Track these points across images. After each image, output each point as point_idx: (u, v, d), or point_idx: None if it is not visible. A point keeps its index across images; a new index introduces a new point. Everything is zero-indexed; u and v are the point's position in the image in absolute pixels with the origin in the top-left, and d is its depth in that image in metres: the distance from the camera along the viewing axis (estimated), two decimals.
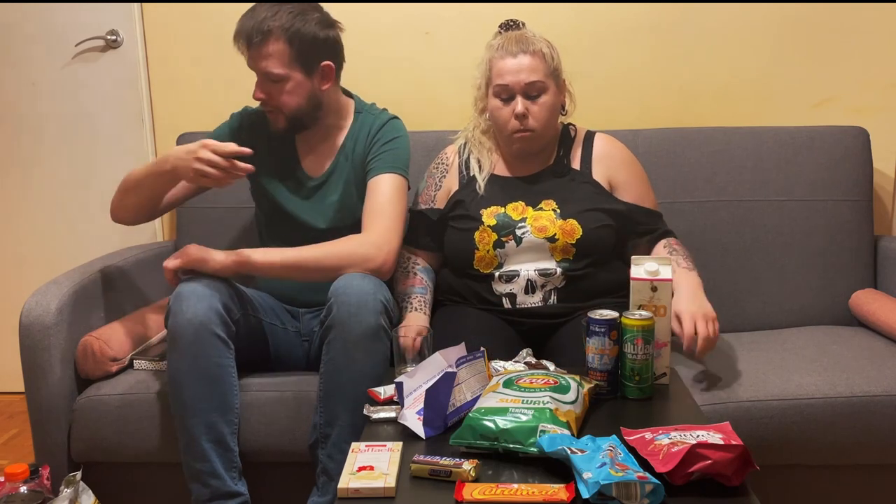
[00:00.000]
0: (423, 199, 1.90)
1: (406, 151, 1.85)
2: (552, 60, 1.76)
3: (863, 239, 2.10)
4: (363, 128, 1.86)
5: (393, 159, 1.81)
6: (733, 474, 1.09)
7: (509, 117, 1.75)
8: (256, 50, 1.73)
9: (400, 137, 1.85)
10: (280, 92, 1.76)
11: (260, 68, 1.75)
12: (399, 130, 1.86)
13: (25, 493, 1.61)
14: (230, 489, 1.60)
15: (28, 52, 2.45)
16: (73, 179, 2.51)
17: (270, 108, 1.79)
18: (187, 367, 1.57)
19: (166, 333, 1.62)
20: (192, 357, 1.57)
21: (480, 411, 1.24)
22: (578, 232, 1.72)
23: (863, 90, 2.27)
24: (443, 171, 1.89)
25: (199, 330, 1.56)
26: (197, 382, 1.58)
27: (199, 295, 1.57)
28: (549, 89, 1.75)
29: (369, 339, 1.56)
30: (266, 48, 1.72)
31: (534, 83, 1.72)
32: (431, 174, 1.91)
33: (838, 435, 1.62)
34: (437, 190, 1.88)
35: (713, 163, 2.13)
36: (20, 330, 1.72)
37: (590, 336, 1.43)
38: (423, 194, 1.91)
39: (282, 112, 1.79)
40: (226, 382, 1.60)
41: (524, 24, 1.82)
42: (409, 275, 1.85)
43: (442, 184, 1.88)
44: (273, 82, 1.75)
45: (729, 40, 2.28)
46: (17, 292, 2.34)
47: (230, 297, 1.63)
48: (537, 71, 1.73)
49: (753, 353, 1.84)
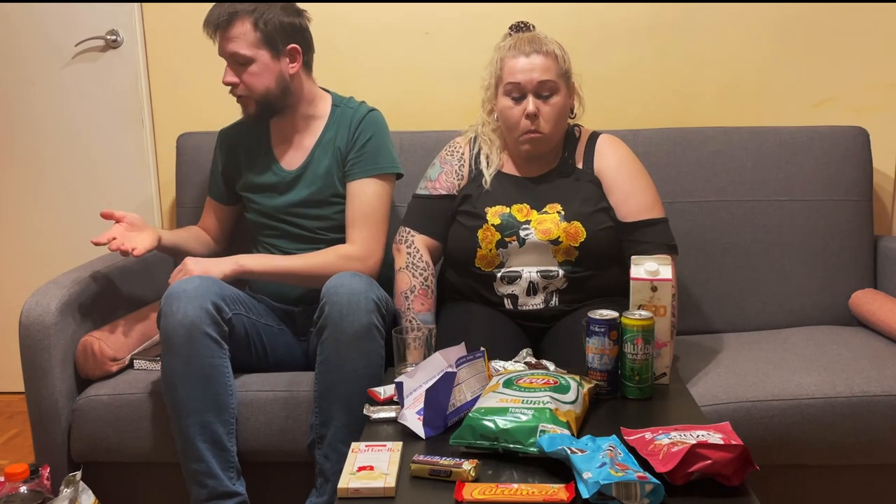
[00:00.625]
0: (440, 185, 1.85)
1: (385, 145, 1.87)
2: (564, 63, 1.75)
3: (863, 239, 2.10)
4: (342, 120, 1.88)
5: (373, 161, 1.84)
6: (733, 474, 1.09)
7: (520, 117, 1.73)
8: (223, 32, 1.77)
9: (378, 132, 1.86)
10: (249, 74, 1.79)
11: (228, 51, 1.78)
12: (377, 124, 1.88)
13: (25, 493, 1.61)
14: (227, 489, 1.60)
15: (28, 52, 2.45)
16: (73, 179, 2.51)
17: (240, 92, 1.82)
18: (180, 368, 1.58)
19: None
20: (185, 358, 1.57)
21: (480, 411, 1.24)
22: (582, 235, 1.72)
23: (863, 90, 2.27)
24: (459, 159, 1.87)
25: (190, 330, 1.56)
26: (190, 383, 1.58)
27: (189, 296, 1.58)
28: (560, 90, 1.73)
29: (362, 338, 1.57)
30: (232, 30, 1.76)
31: (545, 82, 1.71)
32: (448, 161, 1.87)
33: (838, 435, 1.62)
34: (460, 179, 1.85)
35: (713, 163, 2.13)
36: (20, 330, 1.72)
37: (590, 336, 1.43)
38: (440, 180, 1.85)
39: (251, 96, 1.81)
40: (219, 382, 1.60)
41: (534, 26, 1.81)
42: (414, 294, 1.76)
43: (462, 172, 1.86)
44: (240, 65, 1.79)
45: (729, 40, 2.28)
46: (17, 292, 2.34)
47: (221, 297, 1.63)
48: (549, 70, 1.72)
49: (753, 353, 1.84)
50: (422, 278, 1.77)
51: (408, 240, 1.82)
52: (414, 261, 1.79)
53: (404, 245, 1.82)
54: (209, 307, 1.58)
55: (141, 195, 2.49)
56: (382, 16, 2.32)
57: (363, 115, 1.87)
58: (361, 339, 1.56)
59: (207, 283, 1.62)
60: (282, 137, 1.92)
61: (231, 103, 1.96)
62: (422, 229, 1.83)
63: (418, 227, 1.83)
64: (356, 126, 1.85)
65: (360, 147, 1.84)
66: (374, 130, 1.86)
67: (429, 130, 2.20)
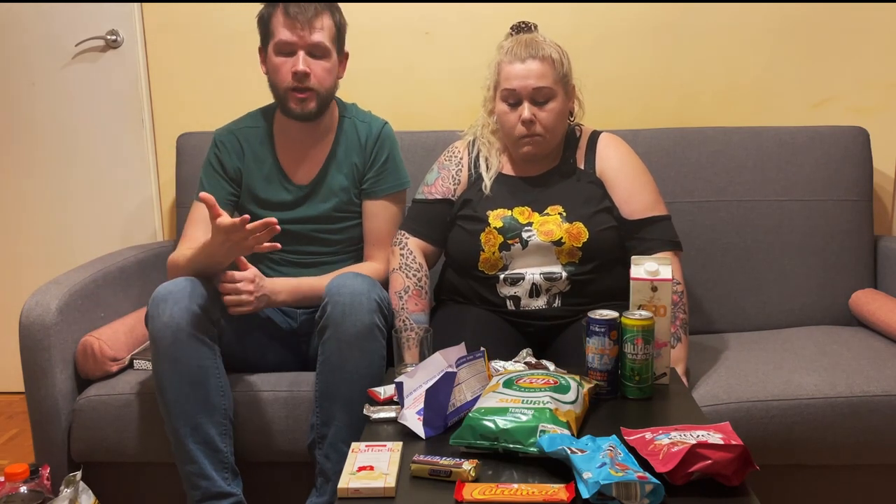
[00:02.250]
0: (437, 190, 1.85)
1: (400, 159, 1.89)
2: (562, 67, 1.74)
3: (863, 239, 2.10)
4: (353, 136, 1.86)
5: (394, 178, 1.87)
6: (733, 474, 1.09)
7: (516, 122, 1.73)
8: (310, 21, 1.72)
9: (393, 149, 1.88)
10: (322, 69, 1.76)
11: (311, 41, 1.73)
12: (391, 139, 1.88)
13: (25, 493, 1.61)
14: (221, 489, 1.60)
15: (28, 52, 2.45)
16: (73, 179, 2.51)
17: (311, 84, 1.75)
18: (169, 370, 1.57)
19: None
20: (173, 360, 1.57)
21: (480, 411, 1.24)
22: (585, 235, 1.71)
23: (863, 90, 2.28)
24: (457, 164, 1.87)
25: (176, 332, 1.56)
26: (179, 385, 1.57)
27: (175, 298, 1.57)
28: (556, 96, 1.73)
29: (364, 338, 1.56)
30: (319, 21, 1.73)
31: (541, 89, 1.71)
32: (445, 166, 1.87)
33: (838, 435, 1.62)
34: (457, 184, 1.85)
35: (713, 163, 2.13)
36: (20, 330, 1.72)
37: (590, 336, 1.43)
38: (437, 185, 1.85)
39: (318, 92, 1.76)
40: (209, 383, 1.60)
41: (536, 26, 1.79)
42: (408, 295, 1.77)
43: (459, 178, 1.86)
44: (316, 58, 1.75)
45: (729, 40, 2.28)
46: (17, 292, 2.34)
47: (208, 298, 1.61)
48: (545, 77, 1.71)
49: (753, 353, 1.85)
50: (415, 279, 1.77)
51: (402, 242, 1.82)
52: (407, 262, 1.79)
53: (398, 247, 1.82)
54: (195, 309, 1.57)
55: (141, 195, 2.49)
56: (382, 16, 2.32)
57: (378, 132, 1.86)
58: (363, 338, 1.56)
59: (195, 284, 1.60)
60: (289, 148, 1.87)
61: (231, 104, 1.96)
62: (416, 233, 1.83)
63: (413, 230, 1.84)
64: (374, 143, 1.85)
65: (379, 165, 1.85)
66: (391, 148, 1.87)
67: (429, 130, 2.20)
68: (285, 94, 1.76)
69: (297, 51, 1.73)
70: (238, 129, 1.88)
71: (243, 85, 1.93)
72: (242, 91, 1.94)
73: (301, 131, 1.84)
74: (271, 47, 1.76)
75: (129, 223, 2.51)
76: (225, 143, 1.87)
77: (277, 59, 1.75)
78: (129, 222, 2.51)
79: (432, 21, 2.32)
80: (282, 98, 1.78)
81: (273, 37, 1.75)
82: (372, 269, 1.81)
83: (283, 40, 1.73)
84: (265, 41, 1.78)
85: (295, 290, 1.76)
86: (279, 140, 1.87)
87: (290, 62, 1.74)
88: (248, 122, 1.90)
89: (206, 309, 1.59)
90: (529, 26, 1.80)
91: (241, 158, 1.86)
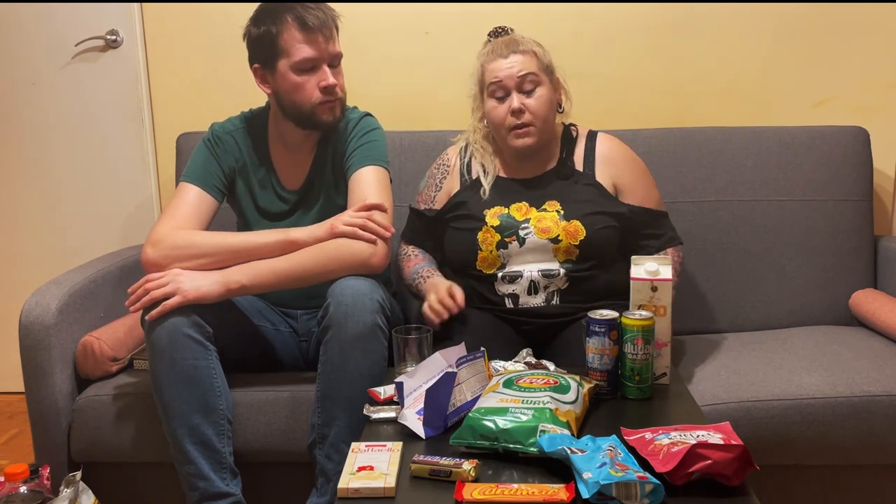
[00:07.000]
0: (423, 200, 1.90)
1: (383, 144, 1.82)
2: (544, 58, 1.77)
3: (863, 239, 2.10)
4: (338, 130, 1.82)
5: (371, 151, 1.78)
6: (733, 474, 1.09)
7: (505, 114, 1.74)
8: (328, 32, 1.70)
9: (375, 130, 1.82)
10: (341, 77, 1.76)
11: (332, 51, 1.71)
12: (373, 125, 1.84)
13: (25, 493, 1.61)
14: (219, 490, 1.60)
15: (28, 52, 2.45)
16: (73, 179, 2.51)
17: (337, 95, 1.74)
18: (165, 371, 1.58)
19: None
20: (169, 361, 1.57)
21: (480, 411, 1.24)
22: (582, 233, 1.72)
23: (863, 90, 2.27)
24: (444, 172, 1.89)
25: (171, 333, 1.56)
26: (175, 385, 1.58)
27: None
28: (543, 83, 1.75)
29: (366, 338, 1.56)
30: (334, 32, 1.72)
31: (526, 76, 1.73)
32: (433, 174, 1.91)
33: (838, 435, 1.62)
34: (438, 191, 1.88)
35: (713, 163, 2.13)
36: (20, 330, 1.72)
37: (590, 336, 1.43)
38: (423, 194, 1.90)
39: (342, 99, 1.76)
40: (205, 384, 1.60)
41: (513, 29, 1.83)
42: (409, 258, 1.89)
43: (442, 185, 1.87)
44: (335, 67, 1.74)
45: (729, 40, 2.28)
46: (17, 292, 2.34)
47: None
48: (530, 65, 1.74)
49: (753, 353, 1.85)
50: (428, 258, 1.89)
51: (406, 252, 1.92)
52: (417, 252, 1.90)
53: (404, 256, 1.91)
54: (191, 310, 1.58)
55: (141, 195, 2.49)
56: (382, 16, 2.32)
57: (358, 120, 1.82)
58: (365, 339, 1.56)
59: None
60: (283, 151, 1.84)
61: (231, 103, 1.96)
62: (413, 241, 1.93)
63: (410, 239, 1.93)
64: (352, 128, 1.81)
65: (358, 139, 1.79)
66: (372, 127, 1.82)
67: (429, 130, 2.20)
68: (312, 110, 1.72)
69: (322, 65, 1.70)
70: (235, 131, 1.85)
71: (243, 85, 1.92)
72: (242, 91, 1.93)
73: (300, 137, 1.81)
74: (287, 67, 1.69)
75: (128, 223, 2.51)
76: (221, 139, 1.84)
77: (299, 77, 1.69)
78: (128, 222, 2.51)
79: (432, 21, 2.32)
80: (307, 113, 1.73)
81: (287, 56, 1.68)
82: None
83: (306, 58, 1.67)
84: (270, 60, 1.71)
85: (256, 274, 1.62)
86: (274, 140, 1.84)
87: (315, 78, 1.70)
88: (242, 125, 1.86)
89: (201, 310, 1.60)
90: (506, 29, 1.83)
91: (237, 161, 1.84)
